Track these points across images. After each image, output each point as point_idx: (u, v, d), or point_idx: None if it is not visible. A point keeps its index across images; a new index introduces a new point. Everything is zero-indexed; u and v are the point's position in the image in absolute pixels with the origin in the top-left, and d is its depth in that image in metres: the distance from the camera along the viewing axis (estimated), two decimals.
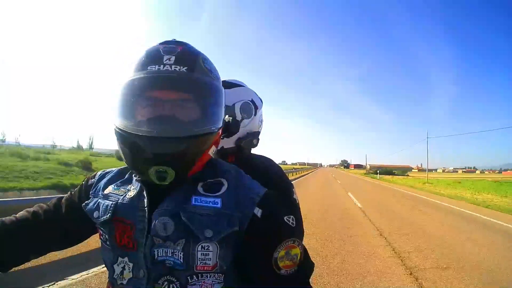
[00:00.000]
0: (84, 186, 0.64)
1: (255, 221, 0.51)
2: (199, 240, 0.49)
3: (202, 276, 0.50)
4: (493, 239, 5.14)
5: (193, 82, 0.51)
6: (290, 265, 0.51)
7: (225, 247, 0.50)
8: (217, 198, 0.52)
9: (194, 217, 0.49)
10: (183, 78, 0.50)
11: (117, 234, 0.54)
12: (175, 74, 0.49)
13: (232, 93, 0.89)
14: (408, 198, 12.32)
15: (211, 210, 0.50)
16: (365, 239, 4.76)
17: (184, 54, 0.52)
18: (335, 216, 6.71)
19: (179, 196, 0.52)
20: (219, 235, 0.49)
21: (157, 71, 0.49)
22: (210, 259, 0.49)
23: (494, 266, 3.64)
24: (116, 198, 0.56)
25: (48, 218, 0.60)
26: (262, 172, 0.78)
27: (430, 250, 4.22)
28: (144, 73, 0.49)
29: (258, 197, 0.53)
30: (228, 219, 0.50)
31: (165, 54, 0.50)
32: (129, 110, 0.51)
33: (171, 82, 0.50)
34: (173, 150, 0.48)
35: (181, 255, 0.49)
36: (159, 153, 0.48)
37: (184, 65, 0.50)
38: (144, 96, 0.50)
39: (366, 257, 3.83)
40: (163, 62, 0.49)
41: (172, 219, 0.50)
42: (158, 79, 0.49)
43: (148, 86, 0.50)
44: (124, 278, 0.53)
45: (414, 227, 5.83)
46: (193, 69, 0.51)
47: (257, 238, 0.51)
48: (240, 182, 0.56)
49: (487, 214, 8.22)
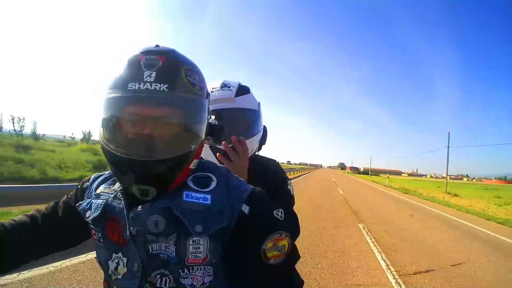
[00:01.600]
0: (79, 189, 0.65)
1: (243, 218, 0.52)
2: (190, 234, 0.50)
3: (193, 269, 0.51)
4: (385, 196, 20.06)
5: (174, 102, 0.50)
6: (278, 255, 0.53)
7: (215, 241, 0.52)
8: (207, 194, 0.53)
9: (186, 213, 0.51)
10: (163, 97, 0.48)
11: (109, 230, 0.56)
12: (155, 93, 0.47)
13: (252, 97, 0.92)
14: (355, 180, 36.64)
15: (202, 206, 0.51)
16: (333, 190, 16.66)
17: (166, 69, 0.49)
18: (326, 183, 22.31)
19: (170, 191, 0.53)
20: (208, 231, 0.51)
21: (138, 90, 0.47)
22: (201, 252, 0.51)
23: (384, 209, 18.14)
24: (107, 196, 0.58)
25: (45, 221, 0.61)
26: (263, 166, 0.89)
27: (358, 196, 14.24)
28: (124, 92, 0.48)
29: (245, 194, 0.55)
30: (217, 215, 0.52)
31: (146, 69, 0.48)
32: (111, 128, 0.51)
33: (150, 102, 0.48)
34: (154, 171, 0.49)
35: (173, 249, 0.51)
36: (140, 174, 0.49)
37: (165, 82, 0.48)
38: (123, 116, 0.50)
39: (333, 190, 18.16)
40: (143, 79, 0.48)
41: (163, 216, 0.51)
42: (138, 100, 0.48)
43: (127, 106, 0.49)
44: (119, 273, 0.54)
45: (354, 190, 19.72)
46: (174, 87, 0.49)
47: (245, 233, 0.53)
48: (229, 179, 0.57)
49: (389, 190, 23.23)
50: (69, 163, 10.95)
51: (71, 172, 9.35)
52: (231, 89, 0.87)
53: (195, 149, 0.54)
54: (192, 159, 0.54)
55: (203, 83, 0.55)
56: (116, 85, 0.49)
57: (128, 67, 0.50)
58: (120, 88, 0.48)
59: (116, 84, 0.49)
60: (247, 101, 0.88)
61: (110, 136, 0.51)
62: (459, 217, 9.01)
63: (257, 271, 0.53)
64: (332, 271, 3.46)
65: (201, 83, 0.54)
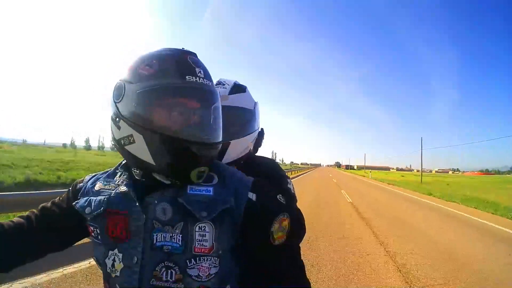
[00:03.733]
0: (72, 190, 0.66)
1: (251, 204, 0.56)
2: (196, 220, 0.52)
3: (200, 259, 0.52)
4: (350, 178, 31.66)
5: (216, 96, 0.57)
6: (282, 236, 0.57)
7: (219, 227, 0.54)
8: (209, 187, 0.56)
9: (191, 201, 0.54)
10: (213, 91, 0.57)
11: (110, 226, 0.56)
12: (208, 88, 0.55)
13: (248, 96, 0.90)
14: (344, 174, 53.02)
15: (205, 197, 0.55)
16: (329, 180, 24.59)
17: (206, 69, 0.57)
18: (325, 173, 38.60)
19: (174, 186, 0.56)
20: (213, 213, 0.53)
21: (196, 83, 0.53)
22: (207, 240, 0.52)
23: (363, 189, 23.94)
24: (109, 192, 0.59)
25: (39, 223, 0.61)
26: (261, 165, 0.86)
27: (341, 181, 25.21)
28: (185, 83, 0.52)
29: (250, 183, 0.59)
30: (221, 202, 0.55)
31: (195, 66, 0.54)
32: (169, 116, 0.53)
33: (208, 95, 0.56)
34: (213, 154, 0.57)
35: (180, 237, 0.52)
36: (206, 156, 0.55)
37: (209, 80, 0.56)
38: (187, 105, 0.54)
39: (328, 179, 27.79)
40: (197, 74, 0.54)
41: (170, 205, 0.54)
42: (200, 91, 0.54)
43: (191, 96, 0.54)
44: (116, 269, 0.54)
45: (340, 179, 29.76)
46: (213, 84, 0.58)
47: (254, 218, 0.56)
48: (232, 174, 0.61)
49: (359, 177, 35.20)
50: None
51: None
52: (225, 86, 0.86)
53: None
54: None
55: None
56: (171, 76, 0.53)
57: (178, 63, 0.54)
58: (179, 78, 0.52)
59: (171, 76, 0.53)
60: (242, 99, 0.88)
61: (168, 123, 0.52)
62: (393, 188, 19.62)
63: (266, 253, 0.59)
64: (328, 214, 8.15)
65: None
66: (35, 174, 11.79)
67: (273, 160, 0.94)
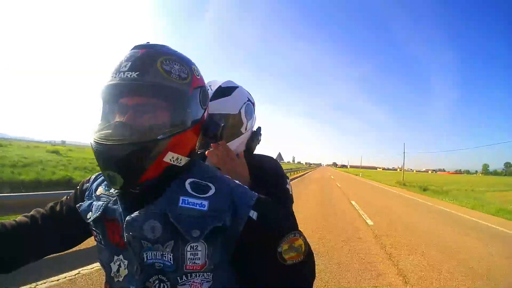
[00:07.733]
0: (79, 190, 0.65)
1: (251, 224, 0.51)
2: (187, 241, 0.49)
3: (191, 275, 0.50)
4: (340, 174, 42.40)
5: (141, 88, 0.50)
6: (296, 256, 0.52)
7: (213, 245, 0.50)
8: (204, 201, 0.51)
9: (181, 219, 0.49)
10: (130, 84, 0.49)
11: (109, 232, 0.55)
12: (124, 81, 0.49)
13: (233, 99, 0.87)
14: (339, 172, 63.65)
15: (197, 212, 0.50)
16: (328, 180, 26.34)
17: (142, 58, 0.51)
18: (325, 173, 46.66)
19: (166, 196, 0.52)
20: (205, 231, 0.49)
21: (112, 79, 0.50)
22: (199, 258, 0.50)
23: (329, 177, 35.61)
24: (107, 199, 0.58)
25: (45, 222, 0.61)
26: (259, 166, 0.85)
27: (337, 177, 33.67)
28: (109, 81, 0.50)
29: (252, 201, 0.53)
30: (214, 218, 0.50)
31: (125, 60, 0.50)
32: (98, 119, 0.53)
33: (119, 89, 0.50)
34: (116, 156, 0.48)
35: (171, 256, 0.49)
36: (105, 158, 0.49)
37: (136, 71, 0.49)
38: (106, 104, 0.52)
39: (325, 175, 36.46)
40: (120, 69, 0.50)
41: (159, 222, 0.50)
42: (117, 87, 0.50)
43: (103, 97, 0.52)
44: (120, 275, 0.54)
45: (336, 176, 38.10)
46: (144, 74, 0.49)
47: (256, 238, 0.51)
48: (234, 188, 0.55)
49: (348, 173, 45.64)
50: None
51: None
52: (208, 92, 0.81)
53: (166, 140, 0.50)
54: (165, 151, 0.51)
55: (185, 73, 0.54)
56: (107, 77, 0.51)
57: (117, 61, 0.52)
58: (107, 78, 0.50)
59: (107, 77, 0.51)
60: (223, 105, 0.86)
61: (92, 127, 0.52)
62: (375, 183, 27.50)
63: (274, 273, 0.52)
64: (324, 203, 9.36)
65: (182, 72, 0.53)
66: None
67: (274, 158, 0.97)
